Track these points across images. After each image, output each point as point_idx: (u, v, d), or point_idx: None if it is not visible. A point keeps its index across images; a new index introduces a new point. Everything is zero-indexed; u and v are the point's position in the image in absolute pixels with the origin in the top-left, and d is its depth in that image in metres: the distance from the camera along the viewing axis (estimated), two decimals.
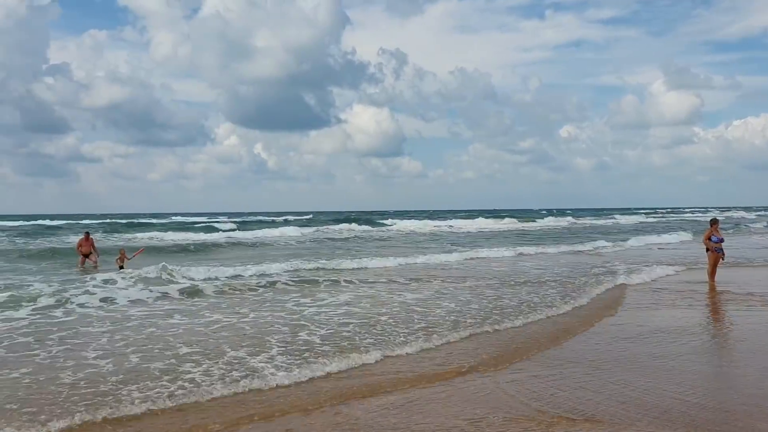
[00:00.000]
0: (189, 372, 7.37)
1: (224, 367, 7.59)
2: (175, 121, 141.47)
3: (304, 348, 8.60)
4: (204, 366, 7.63)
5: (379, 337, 9.33)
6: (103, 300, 12.65)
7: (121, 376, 7.21)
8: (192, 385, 6.87)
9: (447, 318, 10.80)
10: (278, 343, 8.87)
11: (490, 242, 33.23)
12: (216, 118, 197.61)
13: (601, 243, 30.46)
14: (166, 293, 13.57)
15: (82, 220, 67.27)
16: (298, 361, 7.86)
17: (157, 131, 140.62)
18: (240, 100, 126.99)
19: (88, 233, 21.68)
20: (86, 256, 20.26)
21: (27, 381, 7.01)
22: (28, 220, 63.49)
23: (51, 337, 9.43)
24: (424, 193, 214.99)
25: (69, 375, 7.26)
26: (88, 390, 6.69)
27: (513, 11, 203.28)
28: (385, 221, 58.23)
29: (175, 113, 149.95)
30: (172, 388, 6.72)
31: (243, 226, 47.20)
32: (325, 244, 33.40)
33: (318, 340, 9.10)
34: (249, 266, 18.51)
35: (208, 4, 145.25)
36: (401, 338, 9.23)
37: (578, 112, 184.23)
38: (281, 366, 7.64)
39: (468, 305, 12.12)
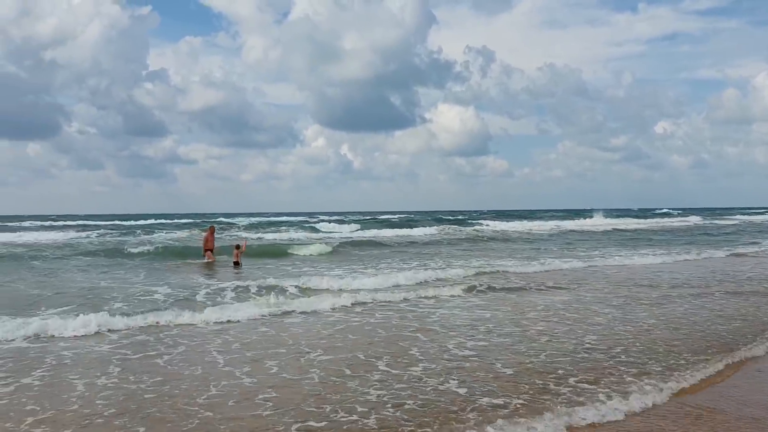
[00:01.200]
0: (379, 401, 5.74)
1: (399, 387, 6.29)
2: (266, 124, 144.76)
3: (466, 366, 7.22)
4: (375, 393, 5.99)
5: (572, 356, 7.82)
6: (212, 298, 11.92)
7: (274, 394, 6.00)
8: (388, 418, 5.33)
9: (612, 328, 9.17)
10: (420, 354, 7.56)
11: (620, 244, 28.70)
12: (305, 120, 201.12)
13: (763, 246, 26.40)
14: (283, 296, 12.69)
15: (181, 219, 69.52)
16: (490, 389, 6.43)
17: (249, 133, 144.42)
18: (327, 101, 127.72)
19: (213, 228, 21.19)
20: (211, 250, 19.70)
21: (151, 395, 5.98)
22: (135, 220, 66.12)
23: (168, 335, 8.69)
24: (510, 192, 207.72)
25: (208, 387, 6.23)
26: (245, 412, 5.50)
27: (604, 5, 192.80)
28: (479, 221, 56.03)
29: (266, 116, 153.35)
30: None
31: (366, 226, 45.48)
32: (444, 246, 28.80)
33: (467, 351, 7.72)
34: (377, 270, 16.96)
35: (298, 8, 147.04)
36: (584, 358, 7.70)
37: (674, 108, 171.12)
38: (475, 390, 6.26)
39: (673, 319, 10.40)
